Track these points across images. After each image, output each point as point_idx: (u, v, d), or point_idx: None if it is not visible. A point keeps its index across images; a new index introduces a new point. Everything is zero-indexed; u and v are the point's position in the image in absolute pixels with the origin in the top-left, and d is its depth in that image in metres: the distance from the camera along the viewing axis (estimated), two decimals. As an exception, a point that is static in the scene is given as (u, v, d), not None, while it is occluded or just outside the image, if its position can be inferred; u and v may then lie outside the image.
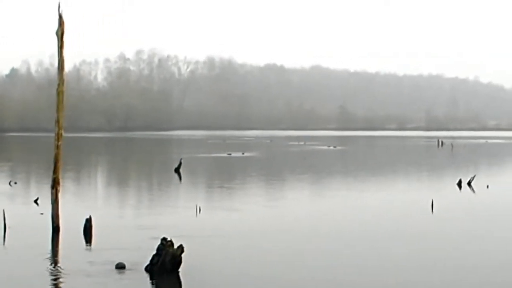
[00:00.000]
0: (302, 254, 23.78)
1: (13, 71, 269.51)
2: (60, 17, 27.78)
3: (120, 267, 20.77)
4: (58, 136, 27.93)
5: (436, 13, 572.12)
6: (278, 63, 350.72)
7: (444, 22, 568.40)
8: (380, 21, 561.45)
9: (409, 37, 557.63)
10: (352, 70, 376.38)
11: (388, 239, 26.77)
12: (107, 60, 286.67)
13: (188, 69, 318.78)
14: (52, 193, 27.86)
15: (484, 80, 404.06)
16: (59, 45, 28.12)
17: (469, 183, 48.49)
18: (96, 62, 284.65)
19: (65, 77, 28.67)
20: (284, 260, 22.84)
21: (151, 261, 20.58)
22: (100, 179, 58.29)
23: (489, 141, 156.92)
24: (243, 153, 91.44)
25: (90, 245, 25.29)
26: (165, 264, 20.33)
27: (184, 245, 20.54)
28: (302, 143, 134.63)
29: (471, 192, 44.88)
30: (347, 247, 25.20)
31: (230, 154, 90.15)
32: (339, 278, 20.40)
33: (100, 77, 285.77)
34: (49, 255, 23.34)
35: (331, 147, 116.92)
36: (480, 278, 20.46)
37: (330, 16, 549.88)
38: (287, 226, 29.86)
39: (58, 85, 28.25)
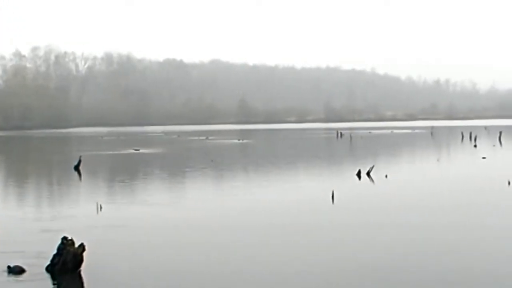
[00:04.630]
0: (203, 248, 23.76)
1: None
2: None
3: (17, 270, 20.28)
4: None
5: (332, 7, 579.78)
6: (178, 58, 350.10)
7: (341, 15, 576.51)
8: (276, 14, 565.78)
9: (303, 30, 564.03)
10: (251, 63, 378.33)
11: (290, 231, 26.97)
12: (1, 58, 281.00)
13: (86, 65, 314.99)
14: None
15: (380, 71, 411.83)
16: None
17: (368, 174, 49.31)
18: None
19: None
20: (185, 254, 22.78)
21: (51, 261, 20.25)
22: (-3, 179, 56.94)
23: (386, 131, 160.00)
24: (138, 150, 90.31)
25: (-13, 247, 24.68)
26: (66, 263, 20.03)
27: (85, 244, 20.31)
28: (203, 137, 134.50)
29: (371, 182, 45.64)
30: (248, 239, 25.28)
31: (138, 150, 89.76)
32: (240, 270, 20.45)
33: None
34: None
35: (240, 141, 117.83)
36: (377, 264, 20.82)
37: (227, 10, 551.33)
38: (187, 221, 29.80)
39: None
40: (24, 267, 20.42)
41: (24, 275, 19.99)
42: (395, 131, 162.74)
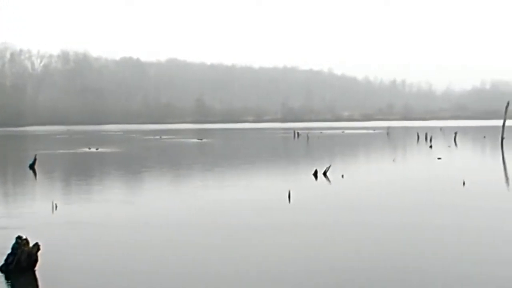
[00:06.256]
0: (159, 247, 23.67)
1: None
2: None
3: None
4: None
5: (288, 7, 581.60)
6: (134, 57, 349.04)
7: (298, 15, 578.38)
8: (233, 14, 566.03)
9: (261, 30, 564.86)
10: (208, 63, 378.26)
11: (246, 231, 26.98)
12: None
13: (42, 64, 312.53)
14: None
15: (337, 72, 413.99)
16: None
17: (324, 173, 49.50)
18: None
19: None
20: (140, 253, 22.67)
21: (5, 260, 20.04)
22: (-50, 178, 56.22)
23: (337, 131, 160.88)
24: (97, 149, 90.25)
25: None
26: (21, 263, 19.84)
27: (40, 243, 20.13)
28: (158, 137, 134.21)
29: (327, 182, 45.81)
30: (204, 239, 25.23)
31: (97, 148, 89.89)
32: (196, 269, 20.40)
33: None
34: None
35: (200, 140, 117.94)
36: (330, 263, 20.90)
37: (184, 9, 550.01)
38: (144, 220, 29.64)
39: None
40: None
41: (-23, 275, 19.77)
42: (346, 131, 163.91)
